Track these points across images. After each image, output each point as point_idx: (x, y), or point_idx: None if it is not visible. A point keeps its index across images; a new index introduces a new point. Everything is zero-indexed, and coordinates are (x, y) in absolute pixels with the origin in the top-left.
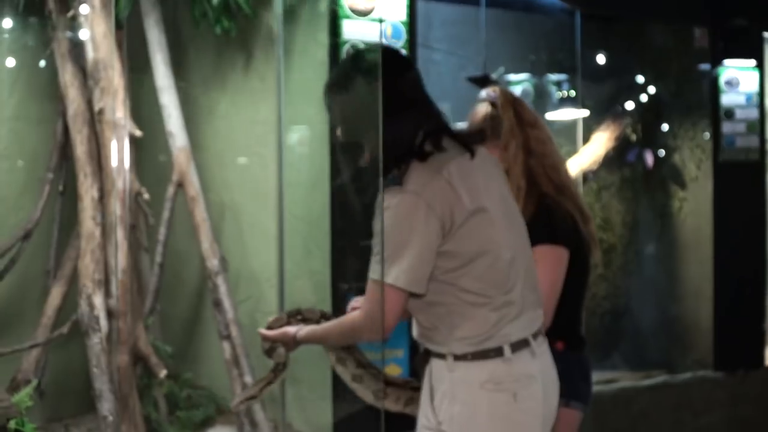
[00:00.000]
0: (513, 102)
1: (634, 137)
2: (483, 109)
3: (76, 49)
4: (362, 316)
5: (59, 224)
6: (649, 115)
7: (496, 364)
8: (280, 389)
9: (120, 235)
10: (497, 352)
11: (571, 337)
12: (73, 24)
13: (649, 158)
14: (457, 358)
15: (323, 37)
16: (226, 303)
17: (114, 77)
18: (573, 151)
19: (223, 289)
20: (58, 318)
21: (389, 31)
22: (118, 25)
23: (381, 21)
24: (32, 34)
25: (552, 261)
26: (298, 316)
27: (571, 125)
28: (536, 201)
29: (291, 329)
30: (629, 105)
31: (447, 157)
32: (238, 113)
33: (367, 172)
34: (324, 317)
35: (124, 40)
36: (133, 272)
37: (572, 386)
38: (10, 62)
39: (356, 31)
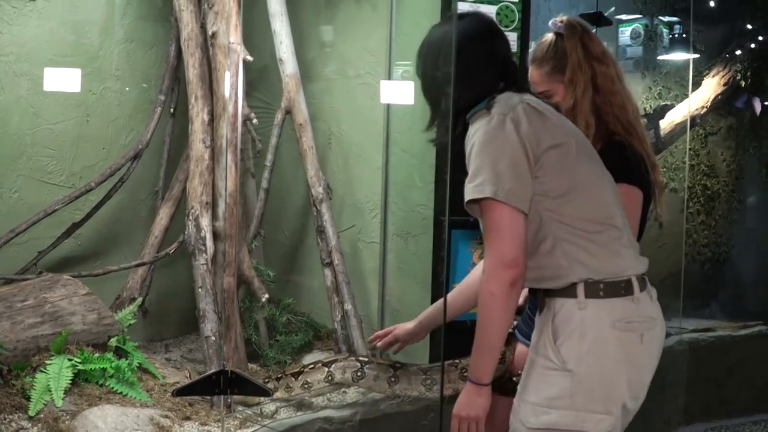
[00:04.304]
0: (581, 34)
1: (743, 83)
2: (548, 39)
3: None
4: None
5: (169, 146)
6: (759, 62)
7: (627, 303)
8: (379, 319)
9: (229, 158)
10: (627, 290)
11: None
12: None
13: (758, 105)
14: (589, 294)
15: None
16: (329, 230)
17: (228, 1)
18: (682, 94)
19: (326, 216)
20: (164, 238)
21: None
22: None
23: None
24: None
25: (634, 201)
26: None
27: (681, 68)
28: (606, 139)
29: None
30: (740, 51)
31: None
32: (348, 42)
33: None
34: None
35: None
36: (239, 196)
37: None
38: None
39: None
